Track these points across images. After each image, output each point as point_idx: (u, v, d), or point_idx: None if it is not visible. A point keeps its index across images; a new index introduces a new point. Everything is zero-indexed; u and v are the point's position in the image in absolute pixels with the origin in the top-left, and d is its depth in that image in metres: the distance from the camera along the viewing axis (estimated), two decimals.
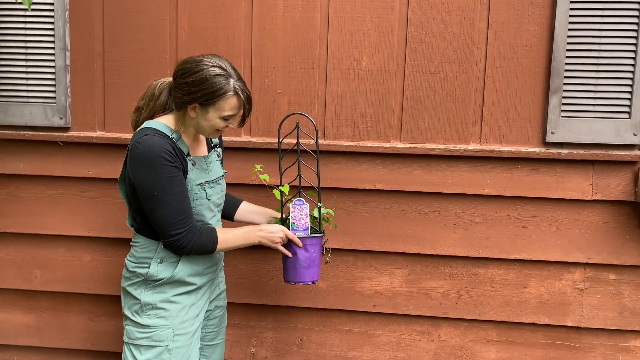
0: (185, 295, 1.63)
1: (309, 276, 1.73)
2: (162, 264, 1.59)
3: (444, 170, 2.04)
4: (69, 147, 2.17)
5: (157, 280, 1.59)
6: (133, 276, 1.62)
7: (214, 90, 1.51)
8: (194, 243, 1.56)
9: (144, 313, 1.59)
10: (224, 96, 1.52)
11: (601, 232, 2.02)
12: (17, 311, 2.27)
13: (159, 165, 1.49)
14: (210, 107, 1.54)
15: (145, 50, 2.12)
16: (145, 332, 1.58)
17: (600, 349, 2.06)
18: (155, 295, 1.60)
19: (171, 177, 1.51)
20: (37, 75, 2.16)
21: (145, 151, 1.49)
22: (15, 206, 2.22)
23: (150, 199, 1.52)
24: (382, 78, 2.05)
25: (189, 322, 1.63)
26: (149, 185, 1.50)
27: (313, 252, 1.72)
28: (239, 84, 1.55)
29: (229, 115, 1.56)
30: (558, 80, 1.97)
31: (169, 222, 1.52)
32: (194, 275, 1.64)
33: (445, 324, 2.12)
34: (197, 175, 1.62)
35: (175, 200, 1.52)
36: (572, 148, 2.00)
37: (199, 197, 1.62)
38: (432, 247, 2.08)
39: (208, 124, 1.57)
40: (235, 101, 1.55)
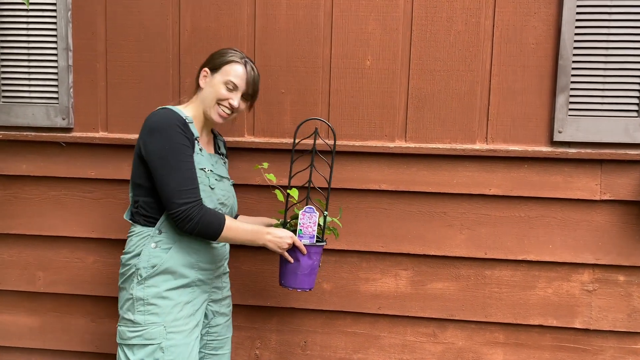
0: (178, 290, 1.61)
1: (308, 283, 1.70)
2: (155, 249, 1.58)
3: (450, 170, 2.02)
4: (72, 147, 2.16)
5: (148, 269, 1.57)
6: (126, 270, 1.62)
7: (223, 56, 1.68)
8: (201, 217, 1.54)
9: (136, 309, 1.57)
10: (231, 62, 1.66)
11: (610, 232, 1.98)
12: (20, 313, 2.26)
13: (173, 131, 1.55)
14: (217, 73, 1.67)
15: (148, 50, 2.11)
16: (137, 331, 1.56)
17: (609, 351, 2.03)
18: (147, 289, 1.58)
19: (184, 145, 1.56)
20: (39, 76, 2.15)
21: (159, 119, 1.57)
22: (18, 207, 2.21)
23: (162, 164, 1.53)
24: (386, 77, 2.03)
25: (184, 320, 1.60)
26: (162, 149, 1.54)
27: (315, 260, 1.70)
28: (250, 62, 1.71)
29: (231, 82, 1.65)
30: (565, 79, 1.95)
31: (179, 189, 1.53)
32: (186, 267, 1.62)
33: (451, 326, 2.09)
34: (202, 161, 1.64)
35: (187, 168, 1.55)
36: (580, 147, 1.97)
37: (202, 183, 1.61)
38: (438, 248, 2.05)
39: (212, 91, 1.66)
40: (240, 70, 1.67)
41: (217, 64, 1.67)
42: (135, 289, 1.59)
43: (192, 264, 1.63)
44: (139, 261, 1.59)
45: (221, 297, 1.79)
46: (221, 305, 1.79)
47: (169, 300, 1.59)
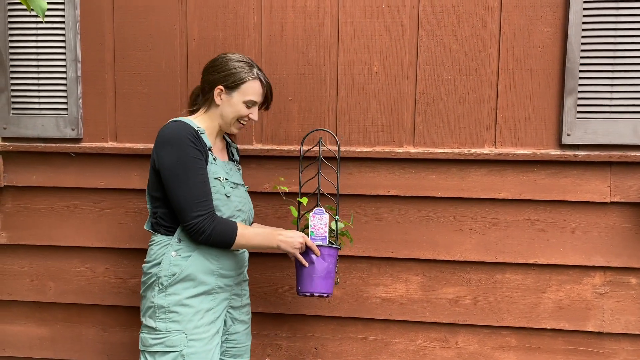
0: (199, 297, 1.62)
1: (325, 287, 1.69)
2: (175, 257, 1.60)
3: (459, 174, 2.02)
4: (81, 158, 2.17)
5: (169, 277, 1.59)
6: (147, 278, 1.64)
7: (238, 72, 1.65)
8: (213, 228, 1.56)
9: (157, 317, 1.59)
10: (247, 79, 1.66)
11: (621, 234, 1.98)
12: (31, 323, 2.26)
13: (184, 144, 1.56)
14: (235, 91, 1.66)
15: (156, 60, 2.12)
16: (159, 338, 1.58)
17: (622, 354, 2.01)
18: (168, 297, 1.59)
19: (195, 159, 1.57)
20: (48, 87, 2.17)
21: (171, 132, 1.58)
22: (28, 218, 2.22)
23: (174, 178, 1.55)
24: (393, 82, 2.03)
25: (204, 328, 1.61)
26: (174, 163, 1.55)
27: (330, 263, 1.70)
28: (261, 73, 1.71)
29: (251, 101, 1.66)
30: (573, 81, 1.95)
31: (191, 202, 1.54)
32: (206, 274, 1.63)
33: (463, 331, 2.08)
34: (216, 170, 1.65)
35: (199, 181, 1.56)
36: (589, 150, 1.97)
37: (217, 192, 1.63)
38: (448, 252, 2.05)
39: (232, 110, 1.66)
40: (258, 86, 1.68)
41: (232, 83, 1.65)
42: (157, 297, 1.60)
43: (213, 271, 1.64)
44: (160, 269, 1.60)
45: (241, 304, 1.79)
46: (241, 312, 1.80)
47: (190, 307, 1.60)
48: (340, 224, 1.77)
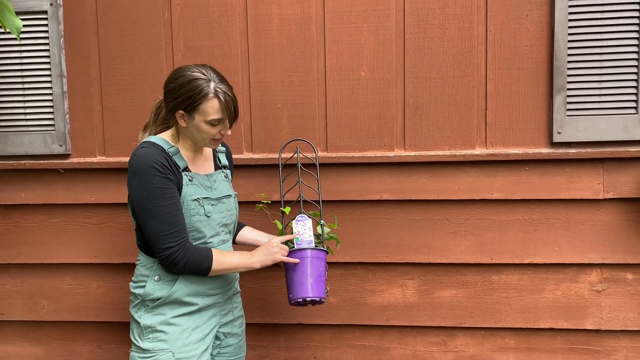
0: (186, 317, 1.59)
1: (318, 291, 1.65)
2: (159, 282, 1.57)
3: (451, 176, 2.01)
4: (70, 174, 2.15)
5: (154, 300, 1.57)
6: (134, 298, 1.62)
7: (193, 93, 1.52)
8: (187, 260, 1.53)
9: (145, 337, 1.57)
10: (204, 99, 1.52)
11: (615, 231, 1.97)
12: (25, 343, 2.23)
13: (149, 175, 1.49)
14: (195, 113, 1.54)
15: (142, 72, 2.10)
16: (146, 357, 1.56)
17: (622, 351, 2.00)
18: (154, 317, 1.57)
19: (162, 188, 1.51)
20: (35, 104, 2.15)
21: (137, 162, 1.51)
22: (19, 237, 2.20)
23: (142, 210, 1.52)
24: (382, 87, 2.02)
25: (192, 346, 1.59)
26: (140, 195, 1.51)
27: (320, 265, 1.67)
28: (220, 86, 1.54)
29: (214, 119, 1.54)
30: (561, 79, 1.94)
31: (160, 234, 1.51)
32: (194, 295, 1.60)
33: (461, 334, 2.07)
34: (194, 191, 1.60)
35: (167, 212, 1.51)
36: (580, 147, 1.97)
37: (196, 213, 1.59)
38: (443, 255, 2.03)
39: (198, 132, 1.57)
40: (216, 104, 1.53)
41: (189, 105, 1.53)
42: (143, 317, 1.58)
43: (200, 292, 1.62)
44: (145, 293, 1.58)
45: (232, 318, 1.77)
46: (233, 326, 1.77)
47: (176, 326, 1.57)
48: (326, 229, 1.75)
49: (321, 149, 2.06)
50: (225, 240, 1.71)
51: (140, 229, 1.60)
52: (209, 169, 1.72)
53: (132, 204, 1.56)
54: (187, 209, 1.57)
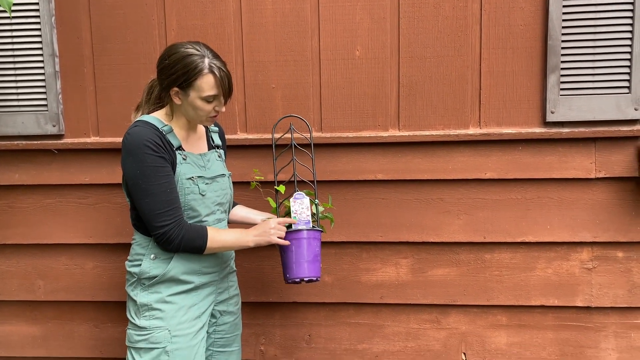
0: (182, 295, 1.60)
1: (314, 271, 1.67)
2: (155, 260, 1.58)
3: (445, 156, 2.02)
4: (64, 154, 2.14)
5: (150, 279, 1.58)
6: (130, 277, 1.63)
7: (188, 70, 1.52)
8: (182, 238, 1.53)
9: (141, 315, 1.58)
10: (199, 75, 1.52)
11: (607, 210, 1.99)
12: (22, 322, 2.25)
13: (142, 154, 1.49)
14: (190, 90, 1.54)
15: (135, 51, 2.09)
16: (143, 335, 1.57)
17: (611, 327, 2.04)
18: (151, 295, 1.58)
19: (156, 167, 1.51)
20: (27, 84, 2.13)
21: (130, 141, 1.51)
22: (13, 217, 2.20)
23: (136, 188, 1.52)
24: (376, 66, 2.02)
25: (188, 324, 1.60)
26: (134, 174, 1.51)
27: (316, 246, 1.69)
28: (215, 62, 1.54)
29: (210, 95, 1.55)
30: (555, 59, 1.94)
31: (154, 212, 1.51)
32: (190, 274, 1.61)
33: (454, 312, 2.10)
34: (187, 169, 1.60)
35: (161, 190, 1.51)
36: (573, 127, 1.98)
37: (191, 192, 1.60)
38: (437, 234, 2.05)
39: (193, 109, 1.57)
40: (211, 79, 1.54)
41: (184, 81, 1.53)
42: (139, 295, 1.59)
43: (195, 270, 1.63)
44: (141, 271, 1.59)
45: (228, 296, 1.78)
46: (228, 304, 1.79)
47: (172, 304, 1.59)
48: (321, 207, 1.76)
49: (315, 129, 2.06)
50: (221, 219, 1.72)
51: (135, 208, 1.60)
52: (202, 149, 1.72)
53: (127, 183, 1.56)
54: (181, 187, 1.58)
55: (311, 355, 2.16)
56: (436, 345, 2.11)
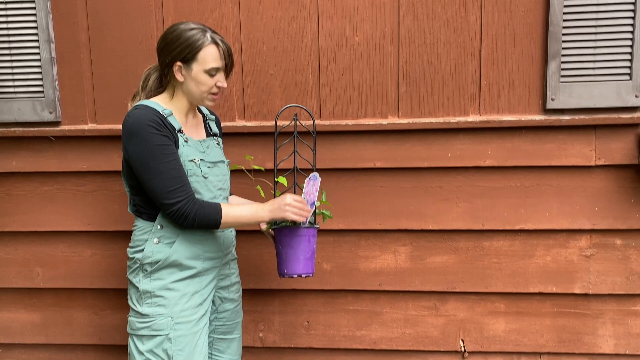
0: (185, 281, 1.61)
1: (311, 267, 1.69)
2: (158, 244, 1.58)
3: (444, 144, 2.01)
4: (61, 141, 2.13)
5: (153, 264, 1.57)
6: (132, 263, 1.63)
7: (191, 42, 1.55)
8: (196, 212, 1.53)
9: (143, 302, 1.58)
10: (202, 46, 1.55)
11: (606, 197, 1.99)
12: (20, 310, 2.25)
13: (147, 133, 1.50)
14: (193, 63, 1.56)
15: (132, 38, 2.07)
16: (145, 322, 1.57)
17: (609, 314, 2.05)
18: (153, 282, 1.58)
19: (163, 146, 1.51)
20: (22, 70, 2.11)
21: (133, 122, 1.51)
22: (11, 205, 2.19)
23: (145, 169, 1.51)
24: (376, 53, 2.00)
25: (191, 311, 1.61)
26: (141, 154, 1.51)
27: (313, 243, 1.69)
28: (216, 35, 1.58)
29: (213, 68, 1.57)
30: (556, 45, 1.93)
31: (167, 190, 1.51)
32: (192, 259, 1.61)
33: (452, 299, 2.10)
34: (189, 152, 1.60)
35: (170, 168, 1.52)
36: (573, 114, 1.97)
37: (194, 174, 1.59)
38: (435, 222, 2.05)
39: (196, 84, 1.58)
40: (215, 50, 1.57)
41: (188, 54, 1.55)
42: (142, 282, 1.59)
43: (198, 255, 1.62)
44: (143, 256, 1.58)
45: (229, 283, 1.79)
46: (229, 291, 1.79)
47: (175, 291, 1.59)
48: (317, 203, 1.75)
49: (314, 116, 2.05)
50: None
51: (138, 193, 1.60)
52: (201, 135, 1.73)
53: (132, 165, 1.54)
54: (184, 169, 1.58)
55: (310, 341, 2.17)
56: (434, 332, 2.12)
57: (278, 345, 2.18)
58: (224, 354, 1.82)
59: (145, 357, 1.57)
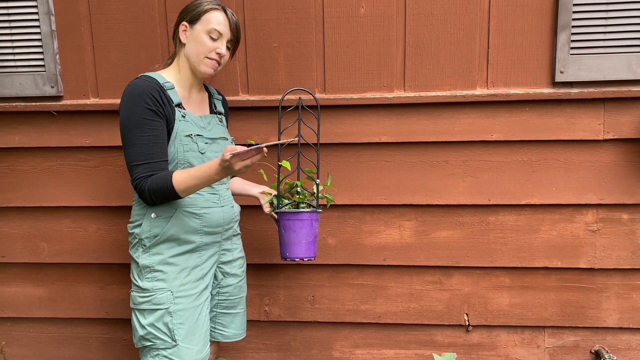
0: (184, 255, 1.61)
1: (313, 251, 1.69)
2: (155, 219, 1.58)
3: (451, 117, 1.98)
4: (64, 116, 2.11)
5: (151, 238, 1.58)
6: (132, 238, 1.64)
7: (199, 4, 1.61)
8: (149, 187, 1.50)
9: (144, 276, 1.59)
10: (209, 10, 1.60)
11: (613, 171, 1.97)
12: (27, 284, 2.27)
13: (136, 104, 1.50)
14: (197, 23, 1.60)
15: (133, 10, 2.03)
16: (146, 296, 1.58)
17: (613, 288, 2.05)
18: (152, 257, 1.59)
19: (145, 119, 1.51)
20: (23, 44, 2.08)
21: (129, 91, 1.53)
22: (15, 180, 2.18)
23: (123, 138, 1.53)
24: (382, 24, 1.96)
25: (191, 285, 1.61)
26: (123, 123, 1.52)
27: (316, 227, 1.69)
28: (229, 10, 1.64)
29: (215, 30, 1.59)
30: (566, 16, 1.88)
31: (131, 164, 1.52)
32: (190, 233, 1.61)
33: (457, 273, 2.10)
34: (186, 127, 1.59)
35: (143, 142, 1.51)
36: (582, 87, 1.93)
37: (190, 149, 1.59)
38: (441, 197, 2.04)
39: (196, 44, 1.60)
40: (221, 16, 1.61)
41: (195, 14, 1.60)
42: (141, 257, 1.60)
43: (196, 230, 1.62)
44: (142, 231, 1.59)
45: (232, 258, 1.79)
46: (232, 266, 1.79)
47: (174, 266, 1.59)
48: (321, 187, 1.74)
49: (319, 90, 2.02)
50: (223, 182, 1.71)
51: None
52: (204, 112, 1.71)
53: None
54: (180, 144, 1.57)
55: (315, 315, 2.18)
56: (439, 306, 2.12)
57: (283, 319, 2.19)
58: (227, 328, 1.83)
59: (147, 331, 1.58)
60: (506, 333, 2.12)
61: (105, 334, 2.28)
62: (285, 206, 1.68)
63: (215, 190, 1.67)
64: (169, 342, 1.58)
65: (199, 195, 1.62)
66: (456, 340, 2.14)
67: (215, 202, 1.66)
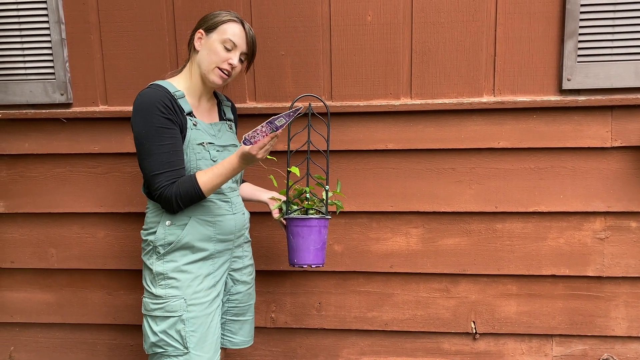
0: (198, 263, 1.61)
1: (321, 258, 1.68)
2: (170, 227, 1.59)
3: (457, 125, 1.98)
4: (73, 123, 2.13)
5: (165, 246, 1.58)
6: (146, 245, 1.64)
7: (218, 16, 1.62)
8: (176, 193, 1.52)
9: (157, 283, 1.60)
10: (227, 21, 1.61)
11: (621, 179, 1.96)
12: (36, 290, 2.28)
13: (150, 114, 1.51)
14: (213, 32, 1.61)
15: (142, 18, 2.05)
16: (159, 303, 1.59)
17: (622, 297, 2.04)
18: (166, 264, 1.59)
19: (162, 128, 1.51)
20: (33, 52, 2.11)
21: (141, 101, 1.53)
22: (25, 186, 2.20)
23: (140, 148, 1.53)
24: (388, 32, 1.97)
25: (204, 293, 1.62)
26: (140, 133, 1.52)
27: (325, 234, 1.68)
28: (246, 23, 1.65)
29: (230, 41, 1.60)
30: (573, 24, 1.88)
31: (153, 173, 1.52)
32: (204, 241, 1.62)
33: (464, 281, 2.10)
34: (198, 135, 1.60)
35: (163, 151, 1.51)
36: (589, 94, 1.93)
37: (202, 157, 1.60)
38: (448, 204, 2.04)
39: (210, 52, 1.60)
40: (237, 28, 1.62)
41: (212, 24, 1.61)
42: (155, 264, 1.60)
43: (210, 237, 1.63)
44: (156, 238, 1.59)
45: (242, 265, 1.79)
46: (242, 273, 1.80)
47: (188, 273, 1.60)
48: (331, 193, 1.74)
49: (326, 97, 2.03)
50: (234, 189, 1.72)
51: None
52: (213, 119, 1.73)
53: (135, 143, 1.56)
54: (192, 152, 1.58)
55: (321, 322, 2.18)
56: (446, 314, 2.12)
57: (289, 325, 2.20)
58: (236, 335, 1.83)
59: (159, 338, 1.59)
60: (513, 341, 2.11)
61: (112, 340, 2.29)
62: (294, 212, 1.68)
63: (228, 198, 1.68)
64: (180, 350, 1.58)
65: (212, 202, 1.63)
66: (463, 348, 2.14)
67: (227, 209, 1.67)
